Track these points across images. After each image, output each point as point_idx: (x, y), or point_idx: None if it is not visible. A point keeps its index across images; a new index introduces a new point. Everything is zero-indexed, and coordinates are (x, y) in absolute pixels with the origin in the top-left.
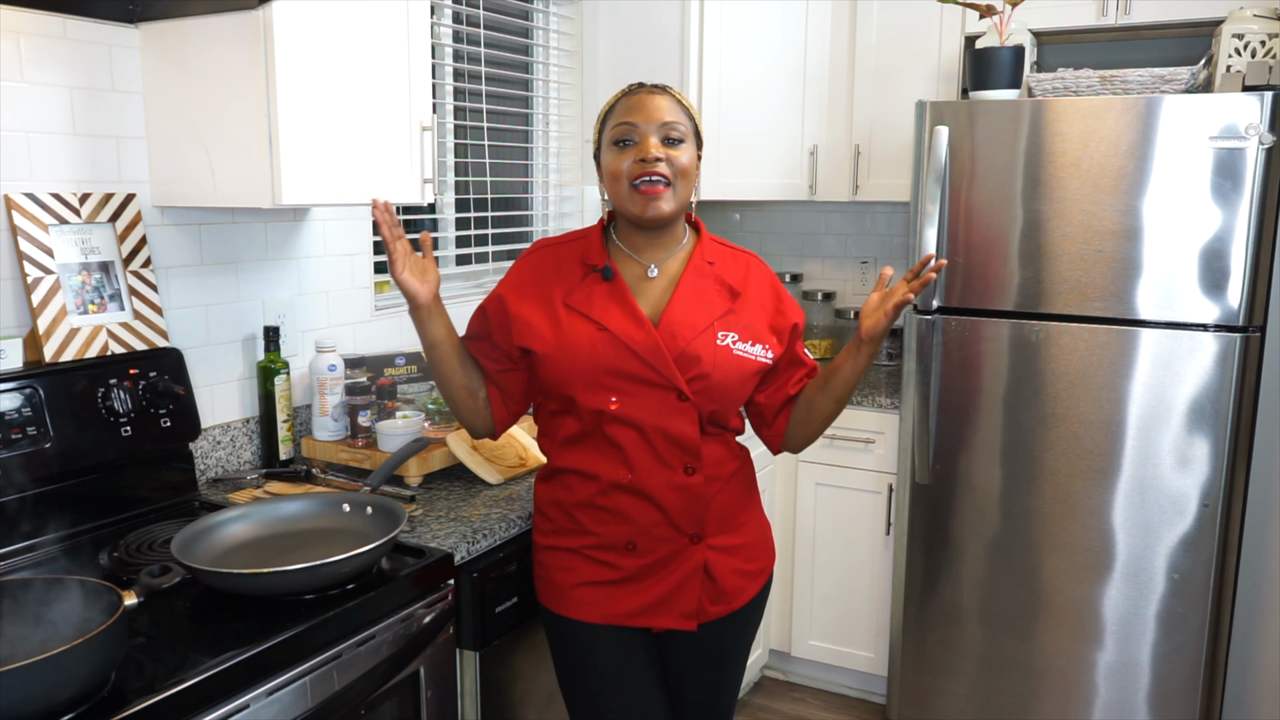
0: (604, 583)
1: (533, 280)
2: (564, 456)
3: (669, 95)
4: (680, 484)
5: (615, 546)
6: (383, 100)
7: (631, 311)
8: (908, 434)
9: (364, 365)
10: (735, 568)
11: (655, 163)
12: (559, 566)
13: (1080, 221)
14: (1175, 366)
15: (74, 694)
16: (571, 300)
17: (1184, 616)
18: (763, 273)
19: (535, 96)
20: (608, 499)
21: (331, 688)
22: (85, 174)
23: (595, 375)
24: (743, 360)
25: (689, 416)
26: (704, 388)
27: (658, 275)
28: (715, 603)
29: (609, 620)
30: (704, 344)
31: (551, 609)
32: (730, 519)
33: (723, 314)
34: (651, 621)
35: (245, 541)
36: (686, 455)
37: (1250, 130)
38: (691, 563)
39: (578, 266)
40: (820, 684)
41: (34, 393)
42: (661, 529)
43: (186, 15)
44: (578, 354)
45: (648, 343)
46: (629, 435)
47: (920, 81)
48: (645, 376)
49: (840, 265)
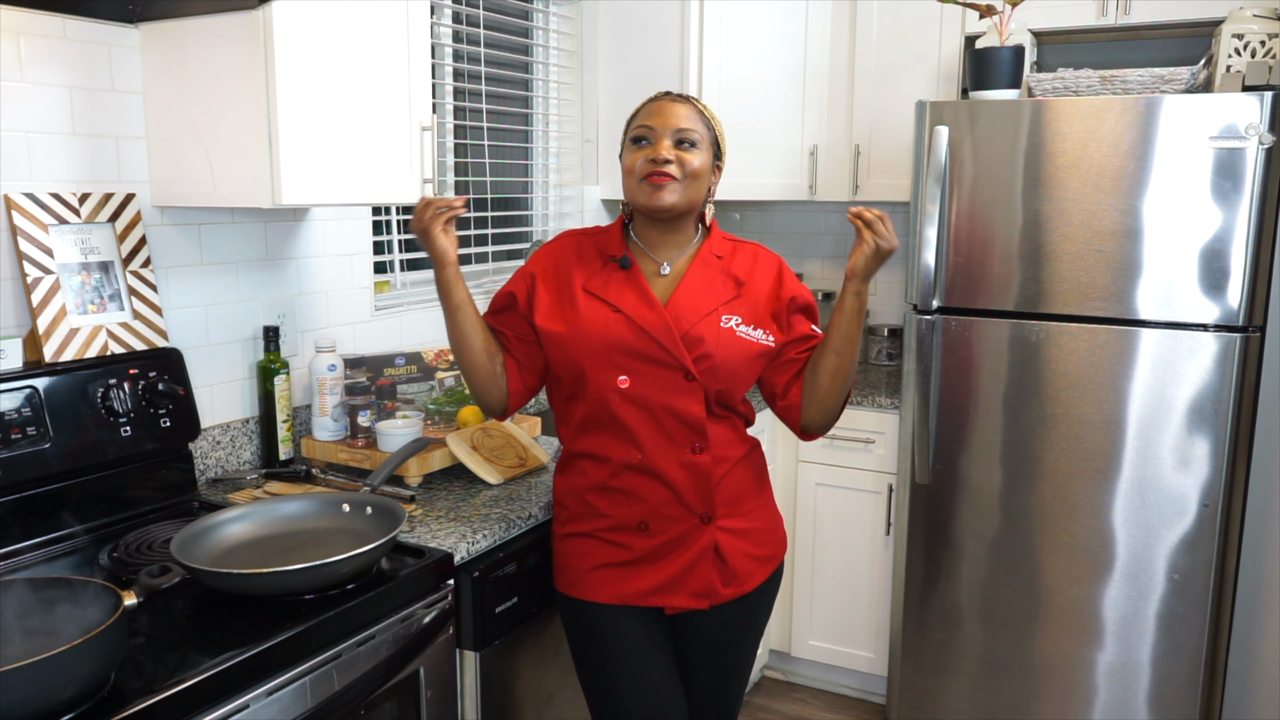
0: (618, 564)
1: (557, 264)
2: (578, 442)
3: (690, 104)
4: (688, 462)
5: (628, 527)
6: (383, 100)
7: (645, 295)
8: (908, 434)
9: (364, 365)
10: (745, 550)
11: (665, 163)
12: (575, 552)
13: (1080, 221)
14: (1175, 366)
15: (74, 694)
16: (590, 285)
17: (1184, 616)
18: (769, 261)
19: (535, 96)
20: (620, 480)
21: (331, 688)
22: (85, 174)
23: (608, 354)
24: (745, 342)
25: (695, 395)
26: (709, 367)
27: (669, 273)
28: (727, 584)
29: (623, 600)
30: (708, 326)
31: (567, 594)
32: (739, 503)
33: (728, 300)
34: (665, 600)
35: (245, 542)
36: (694, 434)
37: (1250, 130)
38: (702, 542)
39: (598, 256)
40: (820, 684)
41: (34, 393)
42: (672, 508)
43: (186, 15)
44: (593, 334)
45: (659, 323)
46: (638, 415)
47: (920, 81)
48: (655, 355)
49: (840, 265)
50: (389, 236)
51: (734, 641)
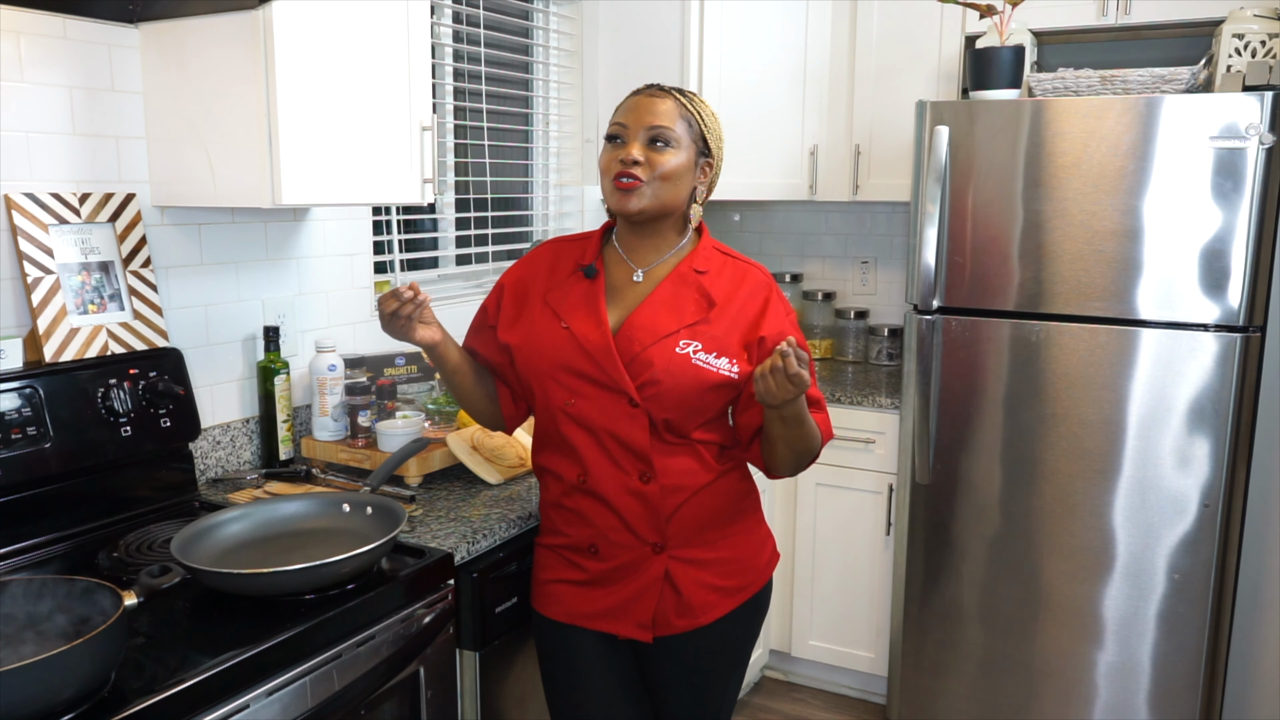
0: (573, 583)
1: (528, 275)
2: (539, 454)
3: (672, 99)
4: (635, 489)
5: (580, 548)
6: (383, 100)
7: (595, 312)
8: (908, 434)
9: (364, 365)
10: (704, 582)
11: (632, 165)
12: (541, 564)
13: (1080, 221)
14: (1176, 366)
15: (74, 694)
16: (550, 297)
17: (1184, 616)
18: (757, 285)
19: (535, 96)
20: (571, 500)
21: (331, 688)
22: (85, 174)
23: (553, 372)
24: (701, 371)
25: (639, 422)
26: (655, 394)
27: (643, 280)
28: (680, 616)
29: (573, 620)
30: (660, 351)
31: (534, 606)
32: (702, 533)
33: (692, 323)
34: (610, 627)
35: (245, 541)
36: (639, 462)
37: (1250, 130)
38: (652, 572)
39: (571, 264)
40: (820, 684)
41: (34, 393)
42: (620, 534)
43: (186, 15)
44: (542, 349)
45: (600, 344)
46: (582, 436)
47: (920, 81)
48: (596, 377)
49: (840, 265)
50: (389, 236)
51: (701, 672)
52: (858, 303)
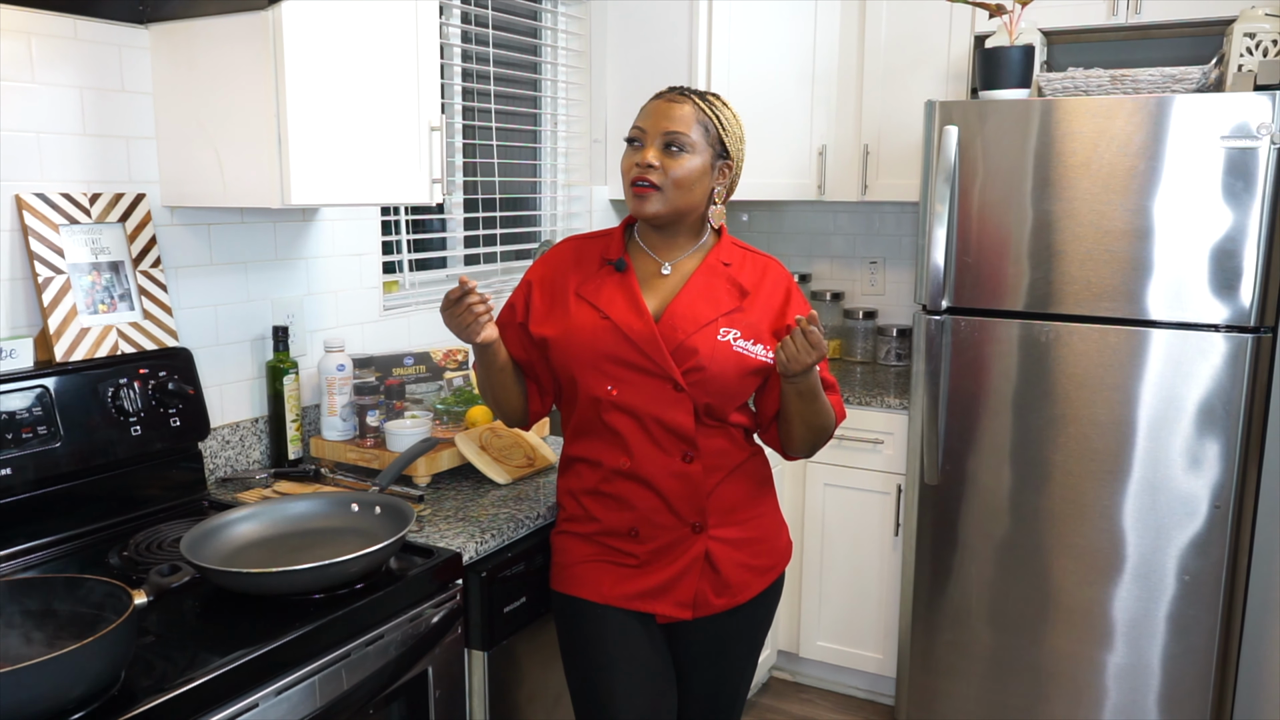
0: (610, 564)
1: (554, 271)
2: (574, 445)
3: (690, 103)
4: (679, 471)
5: (620, 533)
6: (391, 100)
7: (635, 303)
8: (916, 434)
9: (372, 365)
10: (740, 561)
11: (646, 169)
12: (570, 549)
13: (1090, 221)
14: (1186, 367)
15: (84, 692)
16: (583, 290)
17: (1195, 618)
18: (779, 276)
19: (544, 97)
20: (611, 485)
21: (340, 687)
22: (95, 174)
23: (596, 361)
24: (742, 357)
25: (684, 407)
26: (699, 380)
27: (671, 272)
28: (719, 595)
29: (610, 601)
30: (703, 338)
31: (560, 590)
32: (735, 512)
33: (728, 311)
34: (650, 607)
35: (254, 541)
36: (683, 443)
37: (1262, 130)
38: (693, 552)
39: (597, 260)
40: (828, 685)
41: (44, 392)
42: (662, 516)
43: (196, 16)
44: (581, 340)
45: (645, 333)
46: (627, 422)
47: (929, 81)
48: (642, 365)
49: (849, 265)
50: (398, 236)
51: (728, 652)
52: (866, 303)
